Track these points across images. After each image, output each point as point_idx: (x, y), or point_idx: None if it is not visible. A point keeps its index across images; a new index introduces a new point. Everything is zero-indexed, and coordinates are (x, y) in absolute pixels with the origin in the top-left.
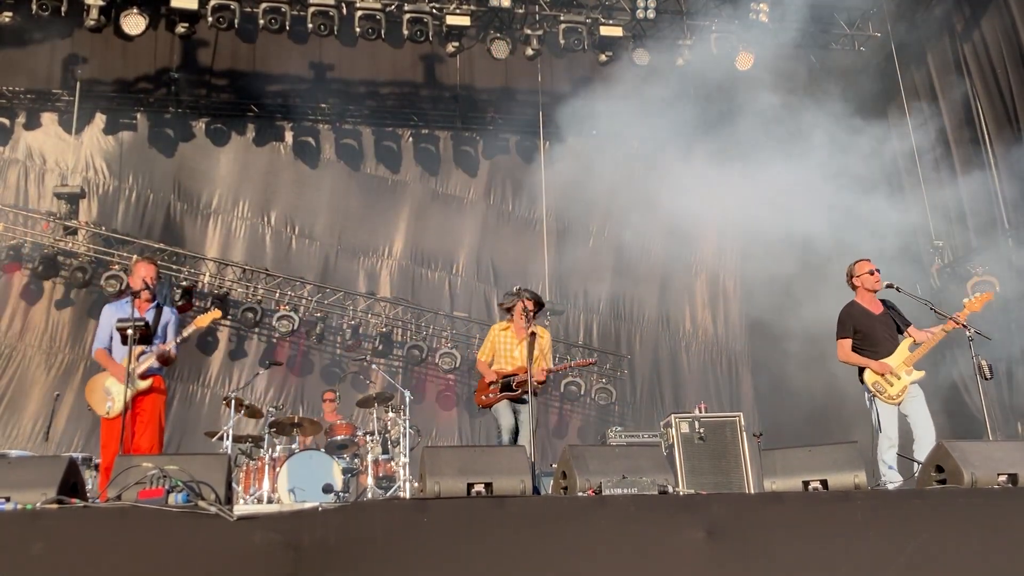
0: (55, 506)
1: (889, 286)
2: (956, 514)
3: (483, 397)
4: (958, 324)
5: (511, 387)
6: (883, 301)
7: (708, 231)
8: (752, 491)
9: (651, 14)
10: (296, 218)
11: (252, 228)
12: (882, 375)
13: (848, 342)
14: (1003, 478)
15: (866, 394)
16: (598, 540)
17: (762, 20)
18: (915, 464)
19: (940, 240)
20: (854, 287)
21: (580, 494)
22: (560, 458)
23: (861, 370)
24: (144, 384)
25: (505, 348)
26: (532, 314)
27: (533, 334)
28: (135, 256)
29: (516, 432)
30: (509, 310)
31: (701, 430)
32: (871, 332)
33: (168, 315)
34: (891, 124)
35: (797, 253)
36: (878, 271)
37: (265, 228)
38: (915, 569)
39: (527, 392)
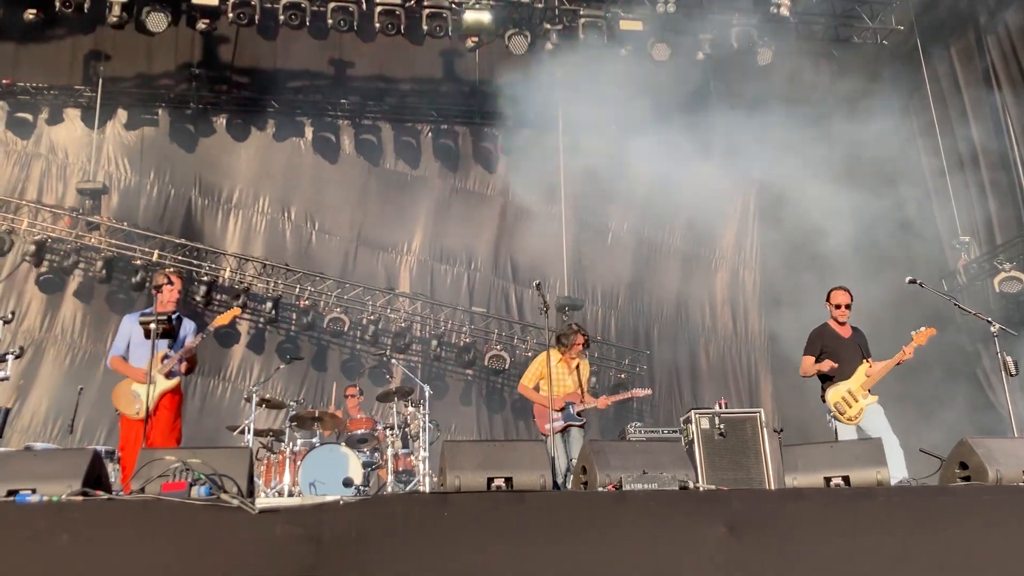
0: (80, 498)
1: (912, 282)
2: (981, 511)
3: (547, 426)
4: (906, 356)
5: (573, 416)
6: (854, 328)
7: (728, 226)
8: (773, 487)
9: (671, 8)
10: (316, 213)
11: (272, 223)
12: (841, 394)
13: (811, 360)
14: None
15: (827, 414)
16: (618, 536)
17: (783, 13)
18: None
19: (966, 236)
20: (830, 312)
21: (600, 489)
22: (580, 453)
23: (823, 389)
24: (171, 383)
25: (558, 376)
26: (583, 350)
27: (578, 365)
28: (156, 251)
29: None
30: (567, 344)
31: (721, 426)
32: (836, 353)
33: (188, 326)
34: (914, 117)
35: (818, 248)
36: (848, 308)
37: (285, 223)
38: (939, 567)
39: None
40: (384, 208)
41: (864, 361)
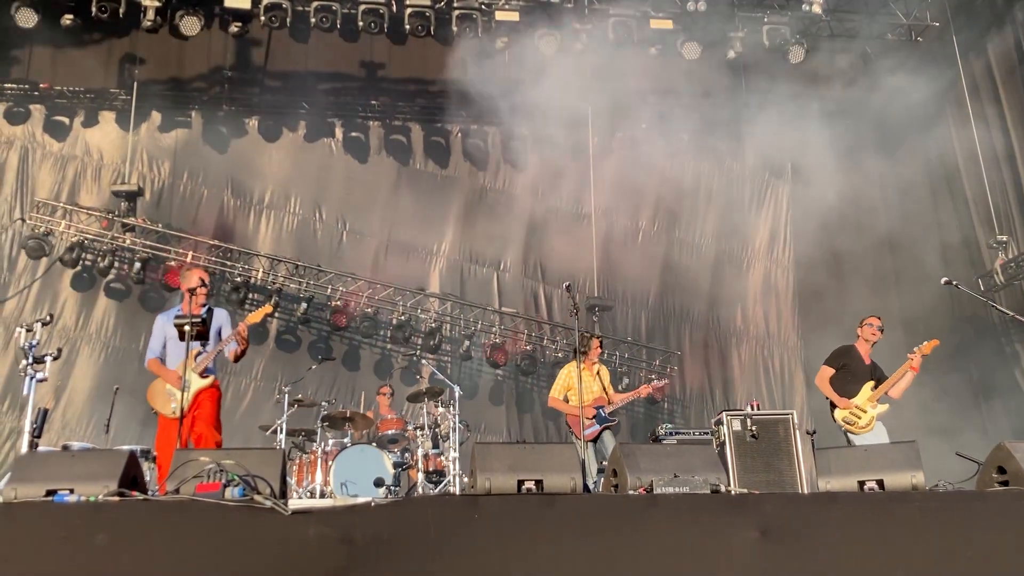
0: (117, 498)
1: (948, 283)
2: (1019, 517)
3: (585, 433)
4: (914, 369)
5: (605, 418)
6: (873, 361)
7: (761, 224)
8: (806, 491)
9: (702, 6)
10: (347, 214)
11: (303, 224)
12: (848, 410)
13: (830, 371)
14: None
15: (841, 430)
16: (649, 539)
17: (815, 11)
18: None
19: (1004, 235)
20: (857, 335)
21: (631, 492)
22: (611, 456)
23: (832, 409)
24: (205, 381)
25: (585, 385)
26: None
27: (598, 371)
28: (189, 254)
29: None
30: (586, 350)
31: (753, 428)
32: (856, 374)
33: (221, 317)
34: (950, 115)
35: (852, 249)
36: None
37: (317, 224)
38: (975, 573)
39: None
40: (414, 208)
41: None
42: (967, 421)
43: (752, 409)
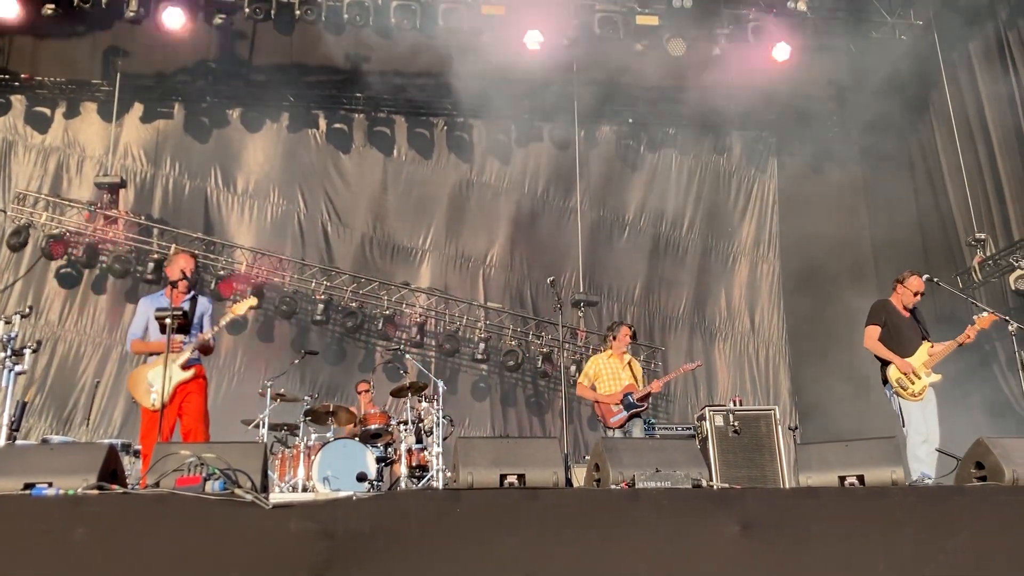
0: (96, 492)
1: (929, 280)
2: (997, 512)
3: (612, 420)
4: (969, 339)
5: (633, 404)
6: (911, 311)
7: (746, 219)
8: (787, 486)
9: (687, 3)
10: (331, 207)
11: (287, 215)
12: (904, 373)
13: (877, 330)
14: None
15: (888, 392)
16: (631, 533)
17: (800, 8)
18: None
19: (983, 233)
20: (894, 288)
21: (613, 487)
22: (593, 451)
23: (883, 367)
24: (187, 374)
25: (612, 372)
26: (631, 340)
27: (630, 362)
28: (173, 246)
29: None
30: (613, 337)
31: (736, 423)
32: (899, 330)
33: (204, 305)
34: (932, 113)
35: (837, 243)
36: (923, 295)
37: (300, 216)
38: (954, 568)
39: (643, 406)
40: (399, 201)
41: (924, 341)
42: (946, 417)
43: (735, 405)
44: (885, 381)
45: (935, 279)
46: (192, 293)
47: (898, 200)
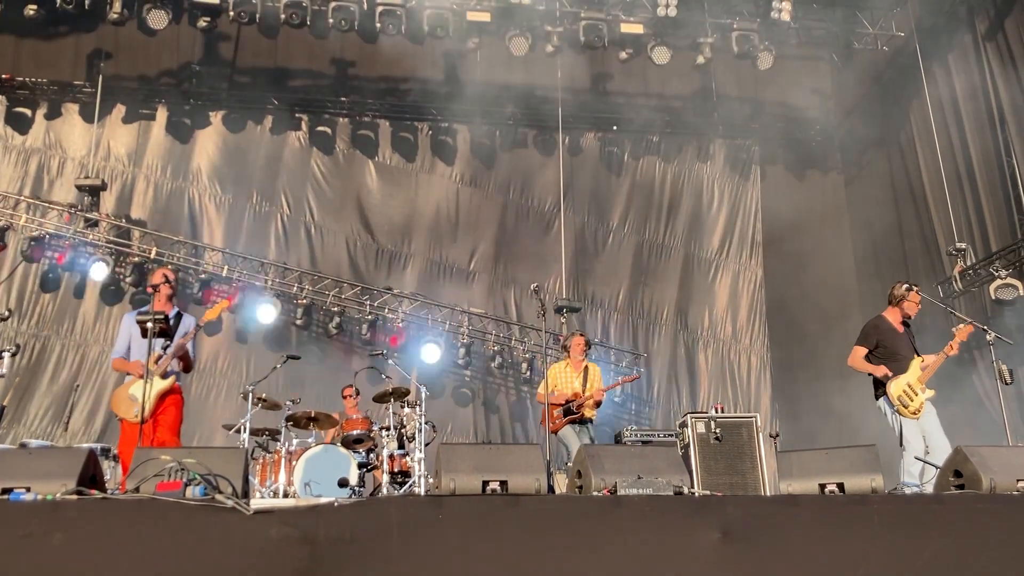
0: (75, 497)
1: (910, 288)
2: (974, 520)
3: (551, 424)
4: (953, 351)
5: (572, 410)
6: (903, 322)
7: (730, 227)
8: (768, 493)
9: (672, 12)
10: (314, 210)
11: (267, 217)
12: (903, 391)
13: (863, 351)
14: (1022, 484)
15: (888, 410)
16: (612, 540)
17: (784, 18)
18: (934, 469)
19: (963, 243)
20: (890, 303)
21: (595, 494)
22: (575, 457)
23: (877, 387)
24: (166, 383)
25: (566, 381)
26: (585, 350)
27: (586, 368)
28: (153, 248)
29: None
30: (566, 347)
31: (717, 430)
32: (895, 349)
33: (188, 322)
34: (913, 124)
35: (819, 253)
36: (920, 305)
37: (283, 219)
38: (931, 574)
39: (583, 414)
40: (383, 206)
41: (915, 356)
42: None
43: (716, 412)
44: (878, 397)
45: (916, 288)
46: (177, 311)
47: (880, 209)
